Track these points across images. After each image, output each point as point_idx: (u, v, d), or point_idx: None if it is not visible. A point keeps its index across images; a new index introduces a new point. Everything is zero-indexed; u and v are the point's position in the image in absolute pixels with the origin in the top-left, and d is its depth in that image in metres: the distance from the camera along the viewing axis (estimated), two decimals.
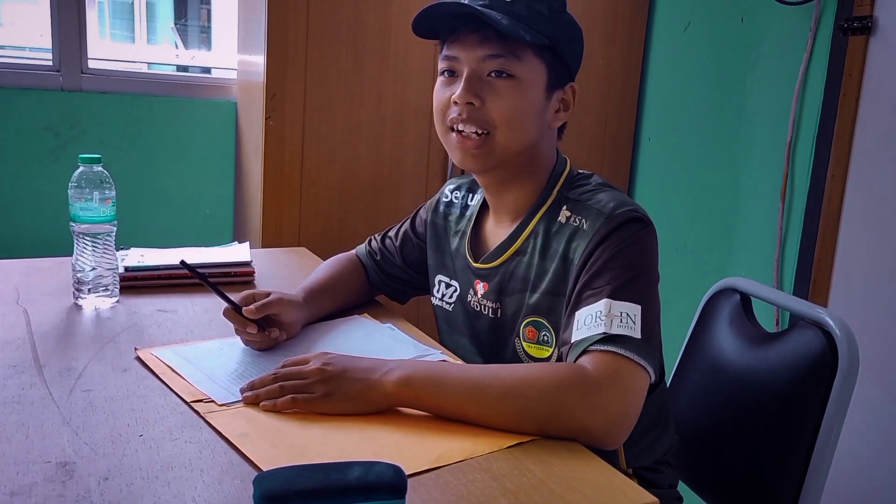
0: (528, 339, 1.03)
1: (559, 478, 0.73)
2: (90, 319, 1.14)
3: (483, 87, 0.98)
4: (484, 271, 1.08)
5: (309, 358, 0.90)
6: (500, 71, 0.98)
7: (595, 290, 0.90)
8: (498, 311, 1.07)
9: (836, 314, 1.06)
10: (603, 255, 0.92)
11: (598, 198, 0.98)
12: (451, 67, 1.01)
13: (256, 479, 0.59)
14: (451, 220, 1.19)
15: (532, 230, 1.04)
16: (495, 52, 0.97)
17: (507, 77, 0.98)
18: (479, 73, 0.99)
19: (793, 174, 1.92)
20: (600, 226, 0.94)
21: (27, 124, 2.04)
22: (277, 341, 1.03)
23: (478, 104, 0.98)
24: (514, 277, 1.05)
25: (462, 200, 1.19)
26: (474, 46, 0.98)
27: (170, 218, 2.24)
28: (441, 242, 1.19)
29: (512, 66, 0.97)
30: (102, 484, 0.68)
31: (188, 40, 2.77)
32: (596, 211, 0.96)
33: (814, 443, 1.03)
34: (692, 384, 1.25)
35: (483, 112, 0.98)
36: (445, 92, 1.02)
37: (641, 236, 0.94)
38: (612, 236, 0.93)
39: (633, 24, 2.31)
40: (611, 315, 0.87)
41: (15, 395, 0.86)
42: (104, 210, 1.18)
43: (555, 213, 1.02)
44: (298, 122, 1.92)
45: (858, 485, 1.74)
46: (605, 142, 2.33)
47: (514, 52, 0.97)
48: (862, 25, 1.71)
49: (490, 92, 0.98)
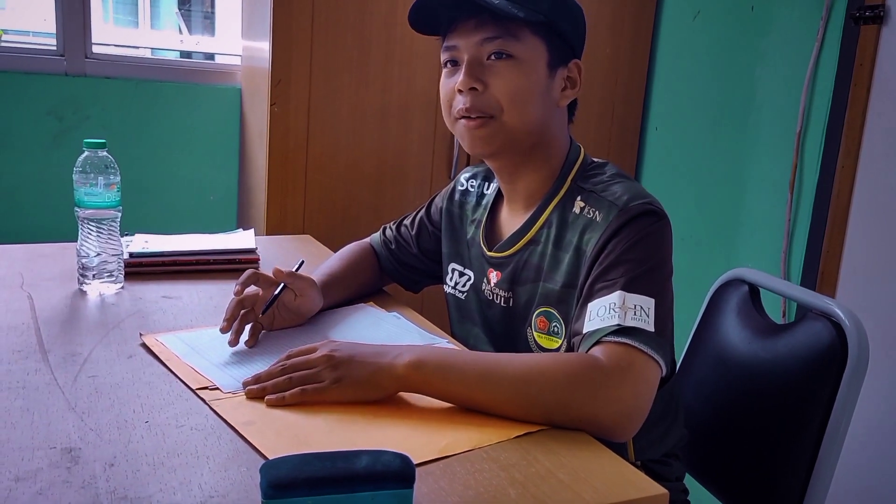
0: (540, 329, 1.02)
1: (568, 468, 0.72)
2: (95, 305, 1.14)
3: (484, 71, 0.99)
4: (497, 260, 1.08)
5: (315, 347, 0.89)
6: (499, 52, 0.98)
7: (608, 281, 0.90)
8: (510, 301, 1.06)
9: (845, 305, 1.05)
10: (617, 248, 0.91)
11: (612, 189, 0.98)
12: (453, 57, 1.02)
13: (263, 467, 0.59)
14: (466, 209, 1.18)
15: (546, 219, 1.03)
16: (492, 35, 0.97)
17: (507, 58, 0.98)
18: (478, 57, 0.99)
19: (802, 165, 1.90)
20: (614, 218, 0.93)
21: (31, 109, 2.03)
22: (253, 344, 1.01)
23: (481, 88, 0.98)
24: (527, 267, 1.04)
25: (478, 189, 1.19)
26: (471, 32, 0.98)
27: (174, 204, 2.23)
28: (456, 231, 1.18)
29: (510, 46, 0.98)
30: (108, 470, 0.68)
31: (192, 26, 2.76)
32: (610, 203, 0.96)
33: (822, 435, 1.02)
34: (699, 375, 1.25)
35: (487, 96, 0.98)
36: (449, 83, 1.03)
37: (656, 229, 0.93)
38: (625, 229, 0.92)
39: (641, 12, 2.29)
40: (625, 307, 0.86)
41: (20, 381, 0.85)
42: (109, 195, 1.17)
43: (569, 203, 1.01)
44: (303, 109, 1.91)
45: (866, 477, 1.74)
46: (611, 131, 2.32)
47: (511, 33, 0.97)
48: (874, 14, 1.69)
49: (492, 75, 0.98)
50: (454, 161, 2.08)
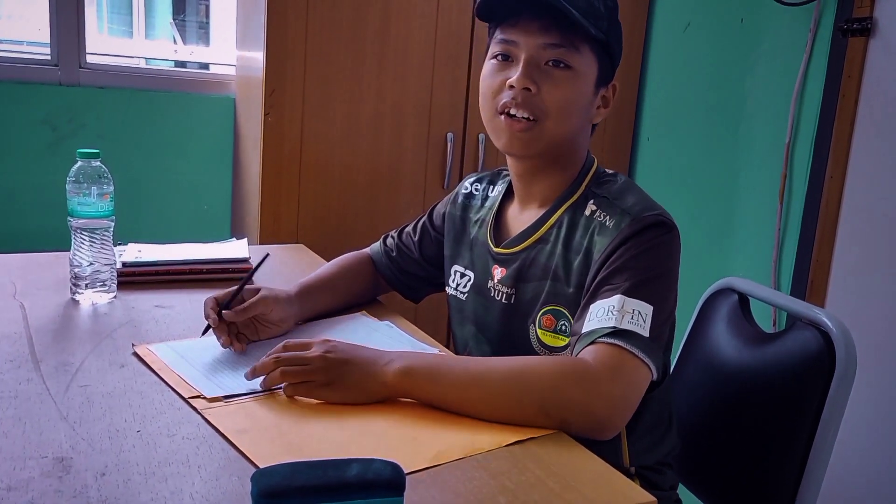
0: (545, 326, 1.03)
1: (558, 476, 0.73)
2: (87, 315, 1.14)
3: (540, 74, 0.99)
4: (504, 256, 1.09)
5: (311, 343, 0.90)
6: (557, 60, 0.99)
7: (612, 285, 0.91)
8: (512, 297, 1.07)
9: (833, 315, 1.06)
10: (625, 255, 0.93)
11: (625, 198, 0.99)
12: (507, 52, 1.01)
13: (255, 476, 0.59)
14: (470, 212, 1.19)
15: (557, 219, 1.04)
16: (556, 42, 0.98)
17: (565, 67, 0.99)
18: (537, 59, 0.99)
19: (791, 175, 1.92)
20: (626, 226, 0.95)
21: (25, 118, 2.03)
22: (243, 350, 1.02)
23: (534, 90, 0.99)
24: (534, 264, 1.05)
25: (483, 192, 1.20)
26: (535, 33, 0.98)
27: (168, 213, 2.23)
28: (459, 233, 1.19)
29: (570, 58, 0.99)
30: (100, 479, 0.68)
31: (186, 36, 2.77)
32: (622, 211, 0.97)
33: (811, 443, 1.03)
34: (690, 384, 1.25)
35: (537, 99, 0.99)
36: (497, 76, 1.02)
37: (665, 240, 0.95)
38: (635, 237, 0.94)
39: (632, 24, 2.30)
40: (623, 311, 0.88)
41: (12, 390, 0.85)
42: (102, 205, 1.17)
43: (581, 206, 1.03)
44: (297, 118, 1.91)
45: (855, 485, 1.75)
46: (604, 141, 2.33)
47: (573, 44, 0.98)
48: (861, 27, 1.72)
49: (546, 80, 0.99)
50: (447, 169, 2.09)
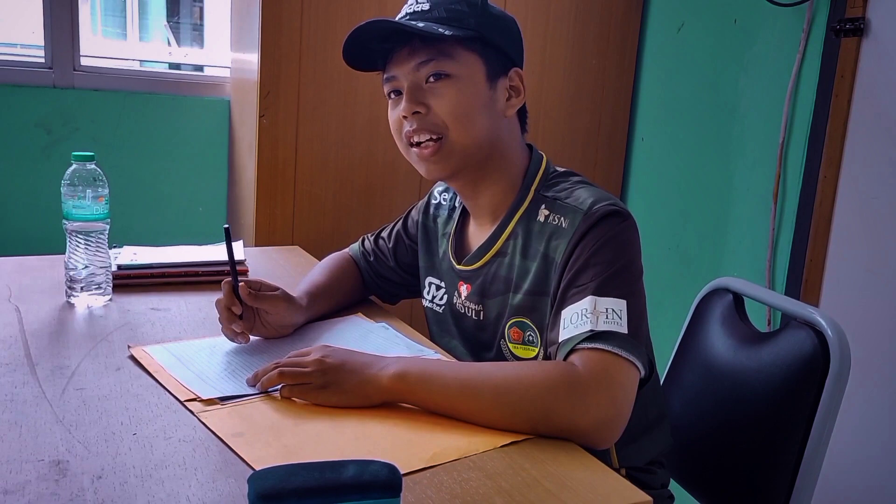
0: (514, 339, 1.03)
1: (554, 476, 0.73)
2: (83, 318, 1.14)
3: (425, 94, 1.00)
4: (466, 273, 1.09)
5: (310, 350, 0.91)
6: (436, 74, 1.00)
7: (579, 287, 0.91)
8: (481, 314, 1.07)
9: (827, 314, 1.07)
10: (585, 252, 0.92)
11: (575, 195, 0.99)
12: (395, 88, 1.04)
13: (251, 478, 0.59)
14: (439, 222, 1.19)
15: (511, 231, 1.04)
16: (425, 58, 0.99)
17: (445, 77, 1.00)
18: (417, 83, 1.01)
19: (785, 175, 1.93)
20: (580, 222, 0.94)
21: (19, 121, 2.03)
22: (246, 341, 1.04)
23: (424, 111, 1.00)
24: (495, 279, 1.05)
25: (449, 202, 1.20)
26: (406, 59, 1.01)
27: (163, 216, 2.23)
28: (431, 244, 1.19)
29: (445, 66, 0.99)
30: (96, 482, 0.68)
31: (181, 38, 2.76)
32: (574, 208, 0.97)
33: (805, 442, 1.04)
34: (685, 384, 1.26)
35: (431, 116, 1.00)
36: (394, 113, 1.05)
37: (622, 230, 0.94)
38: (592, 232, 0.93)
39: (626, 24, 2.31)
40: (596, 312, 0.87)
41: (7, 394, 0.85)
42: (97, 208, 1.17)
43: (533, 213, 1.02)
44: (292, 120, 1.91)
45: (850, 484, 1.76)
46: (598, 142, 2.34)
47: (443, 52, 0.99)
48: (854, 27, 1.72)
49: (432, 96, 1.00)
50: None
